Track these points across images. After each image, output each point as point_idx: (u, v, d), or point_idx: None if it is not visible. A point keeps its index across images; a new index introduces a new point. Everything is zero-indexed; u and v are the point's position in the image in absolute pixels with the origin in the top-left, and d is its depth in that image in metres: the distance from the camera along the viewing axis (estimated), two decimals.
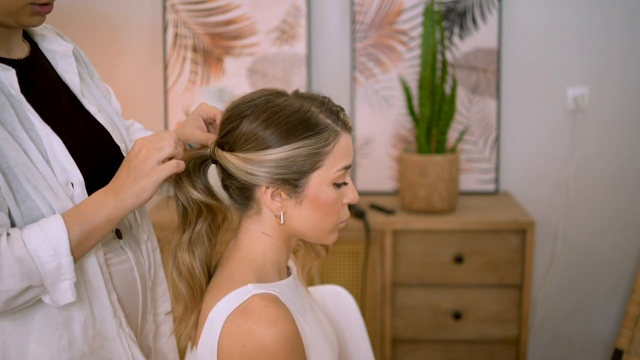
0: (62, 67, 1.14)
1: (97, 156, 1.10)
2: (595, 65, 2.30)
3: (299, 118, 0.96)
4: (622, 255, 2.40)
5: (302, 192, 0.97)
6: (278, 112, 0.96)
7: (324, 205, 0.99)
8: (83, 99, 1.14)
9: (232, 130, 0.99)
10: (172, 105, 2.35)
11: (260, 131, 0.96)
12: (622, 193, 2.36)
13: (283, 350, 0.92)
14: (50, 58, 1.14)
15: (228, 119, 1.01)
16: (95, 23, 2.35)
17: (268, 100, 0.99)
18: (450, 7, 2.28)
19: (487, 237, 2.06)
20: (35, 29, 1.14)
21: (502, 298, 2.10)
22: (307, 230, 1.02)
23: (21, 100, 1.01)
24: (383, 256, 2.07)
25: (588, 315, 2.46)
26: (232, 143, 0.98)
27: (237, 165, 0.97)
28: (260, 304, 0.95)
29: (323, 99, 1.01)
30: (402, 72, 2.31)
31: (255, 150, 0.96)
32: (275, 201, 0.99)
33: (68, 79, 1.14)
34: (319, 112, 0.98)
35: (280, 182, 0.96)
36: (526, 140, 2.37)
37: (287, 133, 0.95)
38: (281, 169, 0.96)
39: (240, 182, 0.99)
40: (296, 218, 1.00)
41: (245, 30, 2.33)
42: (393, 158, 2.36)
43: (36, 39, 1.14)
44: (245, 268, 1.02)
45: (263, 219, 1.02)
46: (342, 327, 1.38)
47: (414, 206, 2.14)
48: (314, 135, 0.96)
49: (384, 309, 2.11)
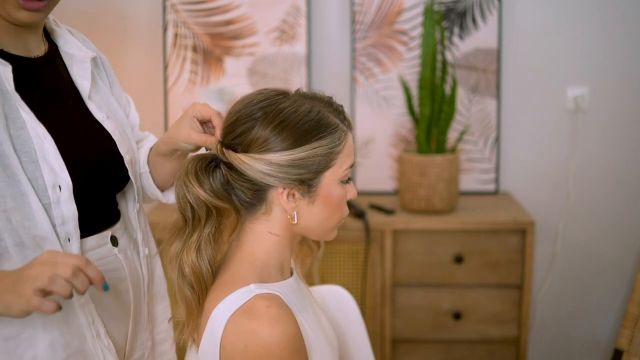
0: (76, 72, 1.14)
1: (93, 162, 1.09)
2: (595, 65, 2.30)
3: (312, 119, 0.98)
4: (622, 255, 2.40)
5: (314, 192, 0.99)
6: (292, 113, 0.98)
7: (333, 203, 1.01)
8: (90, 104, 1.14)
9: (244, 132, 0.98)
10: (172, 105, 2.35)
11: (277, 133, 0.97)
12: (622, 193, 2.36)
13: (285, 350, 0.93)
14: (67, 61, 1.15)
15: (237, 121, 1.00)
16: (95, 23, 2.35)
17: (278, 102, 0.99)
18: (450, 7, 2.28)
19: (487, 237, 2.06)
20: (59, 31, 1.15)
21: (502, 298, 2.10)
22: (315, 228, 1.03)
23: (15, 97, 1.00)
24: (383, 256, 2.07)
25: (588, 315, 2.46)
26: (246, 145, 0.98)
27: (255, 167, 0.97)
28: (262, 304, 0.95)
29: (329, 99, 1.03)
30: (402, 72, 2.31)
31: (273, 151, 0.96)
32: (290, 201, 1.00)
33: (79, 83, 1.14)
34: (328, 112, 1.00)
35: (297, 183, 0.98)
36: (526, 140, 2.37)
37: (304, 134, 0.97)
38: (298, 169, 0.97)
39: (251, 184, 0.99)
40: (307, 217, 1.01)
41: (245, 30, 2.33)
42: (393, 158, 2.36)
43: (58, 42, 1.15)
44: (248, 268, 1.02)
45: (272, 219, 1.02)
46: (342, 327, 1.38)
47: (414, 206, 2.14)
48: (328, 135, 0.98)
49: (384, 309, 2.11)
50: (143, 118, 1.33)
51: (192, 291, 1.01)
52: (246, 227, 1.04)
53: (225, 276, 1.02)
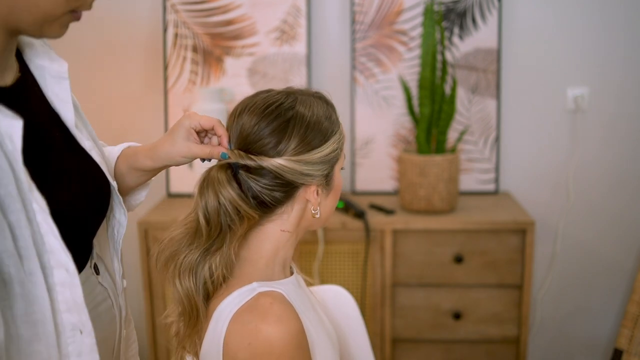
0: (53, 92, 0.93)
1: (84, 208, 0.94)
2: (595, 65, 2.30)
3: (326, 116, 1.03)
4: (622, 255, 2.40)
5: (331, 184, 1.05)
6: (311, 113, 1.01)
7: (339, 191, 1.08)
8: (76, 133, 0.95)
9: (268, 138, 0.98)
10: (172, 105, 2.35)
11: (305, 134, 1.00)
12: (622, 193, 2.36)
13: (289, 347, 0.93)
14: (39, 78, 0.93)
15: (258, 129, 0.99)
16: (95, 23, 2.35)
17: (292, 105, 1.01)
18: (450, 7, 2.28)
19: (487, 237, 2.06)
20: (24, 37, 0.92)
21: (502, 298, 2.10)
22: (324, 218, 1.07)
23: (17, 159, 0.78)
24: (383, 256, 2.08)
25: (588, 315, 2.46)
26: (275, 149, 0.98)
27: (294, 168, 0.99)
28: (266, 302, 0.95)
29: (320, 94, 1.07)
30: (402, 72, 2.31)
31: (307, 151, 1.00)
32: (317, 197, 1.04)
33: (61, 108, 0.93)
34: (329, 108, 1.05)
35: (324, 178, 1.03)
36: (526, 140, 2.37)
37: (325, 131, 1.02)
38: (326, 164, 1.02)
39: (281, 185, 0.99)
40: (322, 209, 1.06)
41: (245, 31, 2.33)
42: (393, 158, 2.37)
43: (23, 50, 0.92)
44: (252, 266, 1.02)
45: (290, 217, 1.03)
46: (342, 327, 1.38)
47: (414, 206, 2.14)
48: (337, 128, 1.04)
49: (384, 309, 2.11)
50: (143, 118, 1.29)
51: (202, 298, 1.00)
52: (254, 228, 1.04)
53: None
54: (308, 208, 1.04)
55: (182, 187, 2.35)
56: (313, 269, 2.10)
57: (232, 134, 1.01)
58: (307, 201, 1.03)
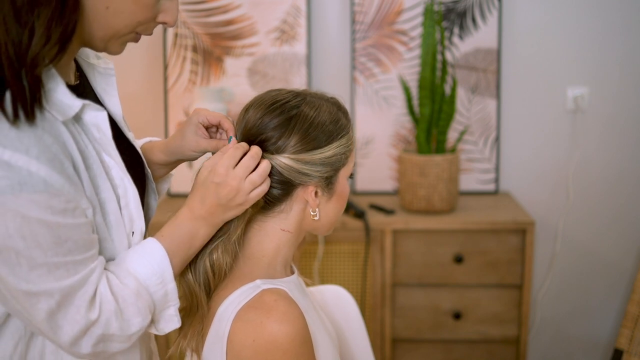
0: (102, 87, 1.01)
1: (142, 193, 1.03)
2: (595, 65, 2.30)
3: (333, 120, 1.03)
4: (622, 255, 2.40)
5: (333, 188, 1.04)
6: (317, 115, 1.01)
7: (344, 197, 1.07)
8: (124, 125, 1.03)
9: (272, 134, 1.00)
10: (172, 105, 2.35)
11: (307, 134, 1.00)
12: (622, 193, 2.36)
13: (293, 343, 0.93)
14: (89, 74, 1.00)
15: (262, 125, 1.01)
16: None
17: (299, 104, 1.02)
18: (450, 7, 2.28)
19: (487, 237, 2.06)
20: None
21: (502, 298, 2.10)
22: (326, 223, 1.07)
23: (111, 145, 0.91)
24: (383, 256, 2.08)
25: (588, 315, 2.46)
26: (276, 146, 1.00)
27: (293, 166, 0.99)
28: (270, 299, 0.96)
29: (335, 100, 1.07)
30: (402, 72, 2.31)
31: (307, 151, 1.00)
32: (315, 199, 1.03)
33: (110, 103, 1.01)
34: (340, 112, 1.05)
35: (324, 180, 1.02)
36: (526, 140, 2.37)
37: (330, 134, 1.02)
38: (327, 166, 1.02)
39: (280, 183, 1.00)
40: (323, 213, 1.05)
41: (245, 30, 2.33)
42: (393, 158, 2.37)
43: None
44: (254, 264, 1.03)
45: (289, 217, 1.04)
46: (342, 327, 1.38)
47: (414, 206, 2.14)
48: (346, 134, 1.04)
49: (384, 309, 2.11)
50: (143, 118, 1.32)
51: (202, 289, 1.01)
52: (254, 225, 1.05)
53: (229, 273, 1.03)
54: (308, 209, 1.04)
55: (182, 187, 2.35)
56: (313, 269, 2.11)
57: (239, 128, 1.04)
58: (307, 202, 1.03)
